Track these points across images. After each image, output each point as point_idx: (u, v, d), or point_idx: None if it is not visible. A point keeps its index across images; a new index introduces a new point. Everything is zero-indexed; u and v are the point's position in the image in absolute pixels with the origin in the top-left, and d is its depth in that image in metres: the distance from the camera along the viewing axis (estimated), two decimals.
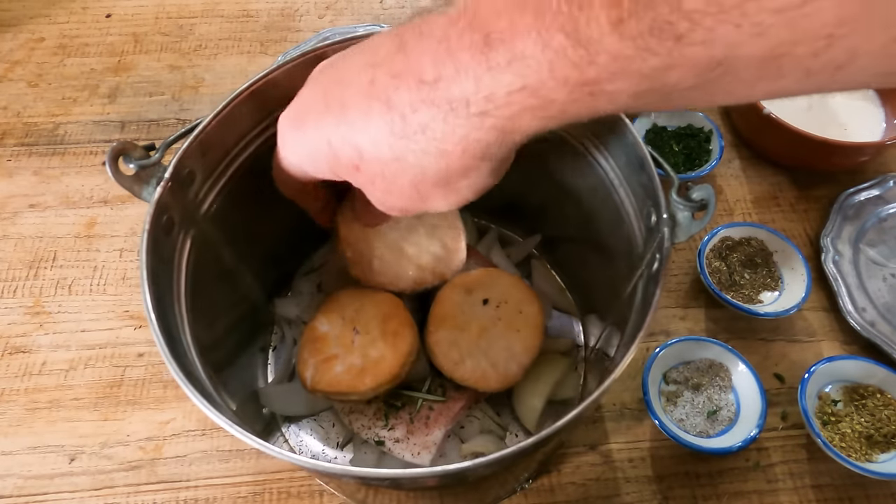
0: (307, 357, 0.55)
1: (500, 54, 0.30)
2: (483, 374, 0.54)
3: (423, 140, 0.34)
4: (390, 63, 0.36)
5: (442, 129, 0.34)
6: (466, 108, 0.32)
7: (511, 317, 0.57)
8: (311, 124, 0.40)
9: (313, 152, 0.40)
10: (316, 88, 0.41)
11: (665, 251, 0.43)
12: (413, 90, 0.34)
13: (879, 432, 0.59)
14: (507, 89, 0.31)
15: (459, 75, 0.32)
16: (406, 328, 0.55)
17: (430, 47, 0.33)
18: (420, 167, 0.36)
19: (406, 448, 0.57)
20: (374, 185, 0.39)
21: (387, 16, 0.99)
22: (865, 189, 0.78)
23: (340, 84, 0.39)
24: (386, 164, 0.37)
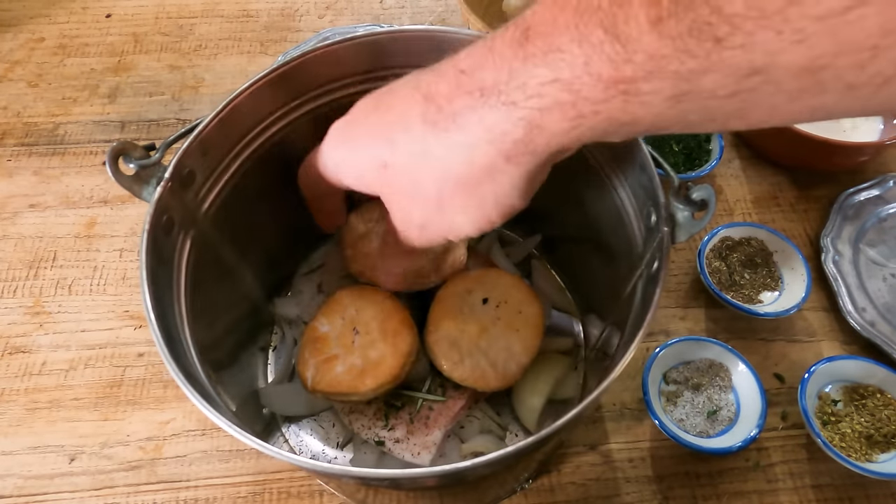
0: (308, 357, 0.55)
1: (537, 47, 0.31)
2: (482, 373, 0.54)
3: (452, 128, 0.35)
4: (436, 68, 0.37)
5: (470, 117, 0.34)
6: (497, 97, 0.33)
7: (511, 317, 0.57)
8: (356, 129, 0.41)
9: (350, 157, 0.42)
10: (367, 101, 0.42)
11: (665, 251, 0.43)
12: (451, 81, 0.35)
13: (879, 432, 0.59)
14: (539, 80, 0.31)
15: (495, 65, 0.33)
16: (406, 328, 0.55)
17: (475, 49, 0.35)
18: (444, 160, 0.36)
19: (406, 448, 0.57)
20: (398, 188, 0.39)
21: (387, 16, 0.99)
22: (865, 189, 0.78)
23: (389, 91, 0.40)
24: (413, 156, 0.37)
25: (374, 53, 0.54)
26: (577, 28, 0.29)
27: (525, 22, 0.32)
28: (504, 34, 0.33)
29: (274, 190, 0.58)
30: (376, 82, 0.56)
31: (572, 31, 0.29)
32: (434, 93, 0.36)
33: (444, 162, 0.36)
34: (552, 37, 0.30)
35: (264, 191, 0.57)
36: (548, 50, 0.30)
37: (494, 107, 0.33)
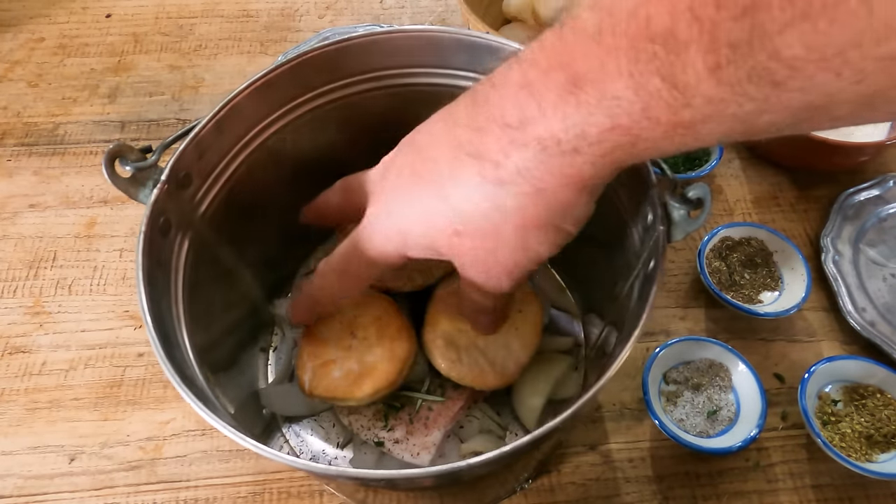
0: (306, 361, 0.55)
1: (590, 94, 0.30)
2: (480, 371, 0.54)
3: (520, 181, 0.35)
4: (470, 119, 0.36)
5: (536, 167, 0.34)
6: (558, 146, 0.33)
7: (510, 314, 0.56)
8: (406, 207, 0.40)
9: (409, 235, 0.40)
10: (401, 172, 0.41)
11: (661, 250, 0.43)
12: (500, 136, 0.34)
13: (879, 432, 0.59)
14: (598, 128, 0.31)
15: (546, 115, 0.32)
16: (403, 334, 0.55)
17: (509, 93, 0.34)
18: (521, 209, 0.36)
19: (406, 449, 0.57)
20: (477, 248, 0.38)
21: (387, 16, 0.99)
22: (865, 189, 0.77)
23: (427, 156, 0.39)
24: (487, 216, 0.36)
25: (374, 53, 0.54)
26: (631, 76, 0.29)
27: (566, 64, 0.31)
28: (543, 77, 0.32)
29: (272, 191, 0.58)
30: (376, 82, 0.56)
31: (626, 78, 0.29)
32: (483, 151, 0.35)
33: (522, 211, 0.36)
34: (605, 83, 0.30)
35: (262, 192, 0.57)
36: (602, 97, 0.30)
37: (557, 155, 0.33)
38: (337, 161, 0.61)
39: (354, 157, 0.59)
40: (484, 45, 0.53)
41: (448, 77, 0.56)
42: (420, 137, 0.41)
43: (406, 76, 0.56)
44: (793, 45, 0.24)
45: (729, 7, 0.25)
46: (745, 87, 0.26)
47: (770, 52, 0.25)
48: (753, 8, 0.25)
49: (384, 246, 0.43)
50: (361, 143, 0.59)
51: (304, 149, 0.58)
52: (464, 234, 0.38)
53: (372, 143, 0.58)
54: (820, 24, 0.24)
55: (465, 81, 0.56)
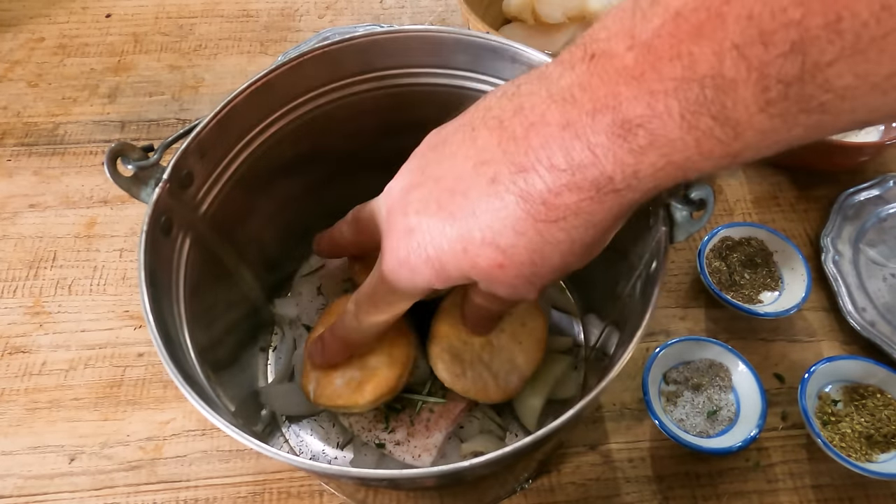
0: (309, 370, 0.55)
1: (641, 138, 0.30)
2: (484, 385, 0.54)
3: (573, 219, 0.34)
4: (507, 157, 0.35)
5: (590, 205, 0.34)
6: (612, 185, 0.33)
7: (514, 329, 0.56)
8: (433, 240, 0.39)
9: (437, 267, 0.39)
10: (427, 202, 0.39)
11: (663, 251, 0.43)
12: (548, 178, 0.34)
13: (879, 432, 0.59)
14: (652, 168, 0.31)
15: (598, 158, 0.32)
16: (402, 337, 0.55)
17: (552, 134, 0.33)
18: (570, 242, 0.36)
19: (407, 451, 0.57)
20: (519, 276, 0.38)
21: (387, 15, 0.99)
22: (865, 189, 0.78)
23: (454, 190, 0.38)
24: (535, 250, 0.36)
25: (374, 53, 0.54)
26: (682, 118, 0.29)
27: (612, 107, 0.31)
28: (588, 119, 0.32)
29: (273, 191, 0.58)
30: (376, 82, 0.56)
31: (678, 120, 0.29)
32: (531, 192, 0.34)
33: (572, 243, 0.36)
34: (656, 127, 0.30)
35: (264, 192, 0.57)
36: (654, 140, 0.30)
37: (611, 192, 0.33)
38: (337, 161, 0.61)
39: (355, 157, 0.60)
40: (484, 45, 0.53)
41: (448, 77, 0.56)
42: (439, 169, 0.39)
43: (406, 76, 0.56)
44: (843, 75, 0.25)
45: (777, 44, 0.25)
46: (797, 118, 0.27)
47: (821, 84, 0.25)
48: (801, 43, 0.25)
49: (413, 280, 0.42)
50: (362, 143, 0.59)
51: (305, 149, 0.58)
52: (508, 266, 0.37)
53: (373, 142, 0.58)
54: (870, 54, 0.24)
55: (466, 81, 0.56)
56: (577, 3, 0.84)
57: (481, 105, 0.39)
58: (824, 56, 0.25)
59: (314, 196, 0.62)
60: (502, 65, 0.53)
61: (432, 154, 0.41)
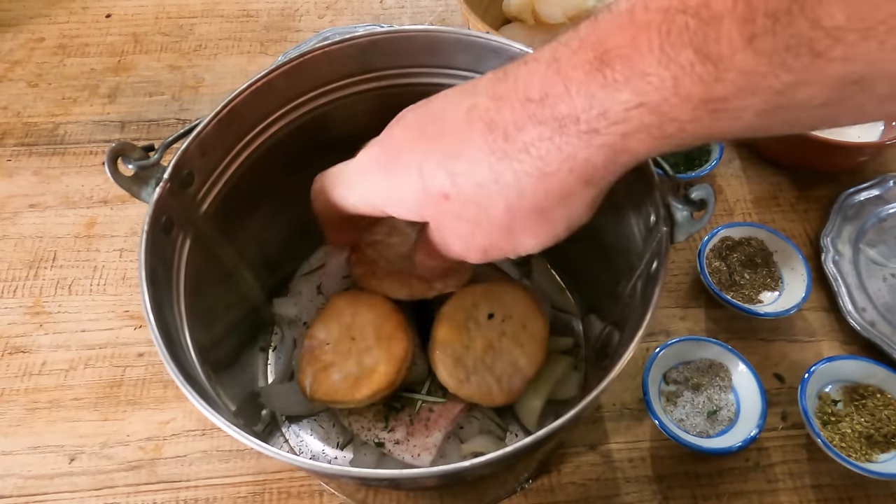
0: (306, 366, 0.55)
1: (618, 71, 0.29)
2: (488, 389, 0.54)
3: (526, 159, 0.33)
4: (491, 89, 0.35)
5: (548, 147, 0.32)
6: (576, 126, 0.31)
7: (515, 331, 0.56)
8: (402, 157, 0.38)
9: (396, 186, 0.39)
10: (408, 124, 0.40)
11: (664, 251, 0.43)
12: (517, 109, 0.33)
13: (879, 432, 0.59)
14: (623, 106, 0.30)
15: (570, 93, 0.31)
16: (400, 332, 0.55)
17: (537, 69, 0.33)
18: (518, 189, 0.34)
19: (406, 450, 0.57)
20: (461, 217, 0.37)
21: (387, 15, 0.99)
22: (865, 189, 0.78)
23: (436, 116, 0.38)
24: (481, 186, 0.35)
25: (374, 53, 0.54)
26: (661, 49, 0.28)
27: (596, 42, 0.30)
28: (571, 56, 0.31)
29: (274, 190, 0.58)
30: (376, 82, 0.56)
31: (657, 52, 0.28)
32: (498, 121, 0.34)
33: (517, 190, 0.34)
34: (634, 60, 0.29)
35: (264, 191, 0.57)
36: (630, 74, 0.29)
37: (575, 136, 0.32)
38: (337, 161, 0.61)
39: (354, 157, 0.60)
40: (484, 45, 0.53)
41: (448, 77, 0.56)
42: (436, 100, 0.39)
43: (406, 76, 0.56)
44: (834, 14, 0.24)
45: None
46: (784, 58, 0.26)
47: (811, 21, 0.24)
48: None
49: (359, 195, 0.42)
50: (362, 143, 0.59)
51: (305, 148, 0.58)
52: (452, 199, 0.36)
53: None
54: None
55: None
56: (577, 3, 0.84)
57: None
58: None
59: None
60: (502, 65, 0.53)
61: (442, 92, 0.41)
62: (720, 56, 0.27)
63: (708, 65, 0.27)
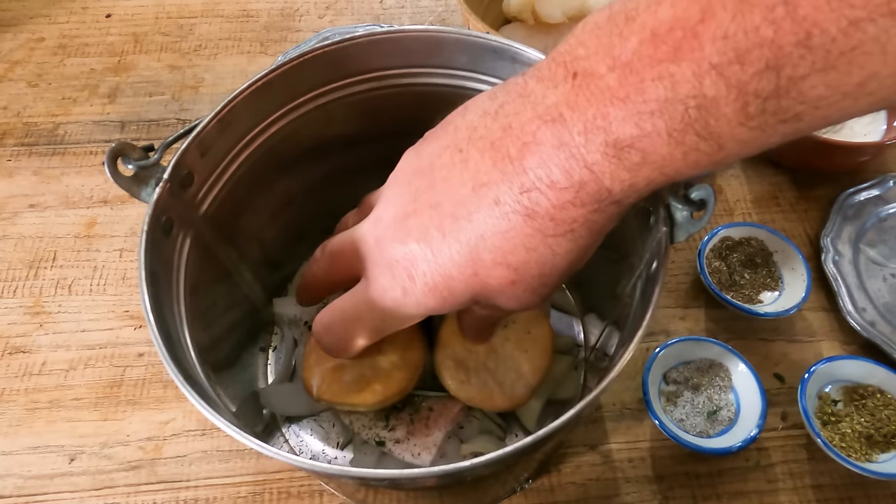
0: (313, 364, 0.55)
1: (634, 155, 0.32)
2: (490, 393, 0.54)
3: (577, 229, 0.36)
4: (507, 178, 0.36)
5: (594, 216, 0.35)
6: (610, 197, 0.34)
7: (519, 336, 0.56)
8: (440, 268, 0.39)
9: (445, 294, 0.39)
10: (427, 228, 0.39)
11: (664, 251, 0.43)
12: (551, 195, 0.35)
13: (879, 432, 0.59)
14: (646, 181, 0.33)
15: (597, 175, 0.33)
16: (416, 340, 0.55)
17: (548, 154, 0.34)
18: (577, 249, 0.37)
19: (406, 449, 0.57)
20: (527, 289, 0.39)
21: (387, 16, 0.99)
22: (865, 189, 0.78)
23: (457, 217, 0.38)
24: (545, 263, 0.38)
25: (374, 53, 0.54)
26: (670, 136, 0.30)
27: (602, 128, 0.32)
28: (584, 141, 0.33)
29: (274, 190, 0.58)
30: (376, 82, 0.56)
31: (665, 137, 0.30)
32: (538, 210, 0.35)
33: (576, 252, 0.38)
34: (646, 146, 0.31)
35: (264, 191, 0.57)
36: (646, 157, 0.32)
37: (610, 204, 0.35)
38: (337, 161, 0.61)
39: (355, 157, 0.60)
40: (484, 45, 0.53)
41: (448, 77, 0.56)
42: (433, 196, 0.39)
43: (406, 76, 0.56)
44: (816, 86, 0.26)
45: (753, 62, 0.27)
46: (775, 128, 0.29)
47: (795, 97, 0.27)
48: (776, 60, 0.26)
49: (415, 310, 0.41)
50: (362, 143, 0.59)
51: (305, 149, 0.58)
52: (519, 282, 0.38)
53: (373, 142, 0.58)
54: (840, 66, 0.26)
55: (466, 81, 0.56)
56: (577, 2, 0.84)
57: (461, 124, 0.39)
58: (797, 70, 0.26)
59: (314, 196, 0.62)
60: (502, 65, 0.53)
61: (421, 180, 0.40)
62: (721, 135, 0.30)
63: (711, 142, 0.30)
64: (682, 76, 0.28)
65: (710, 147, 0.30)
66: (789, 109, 0.28)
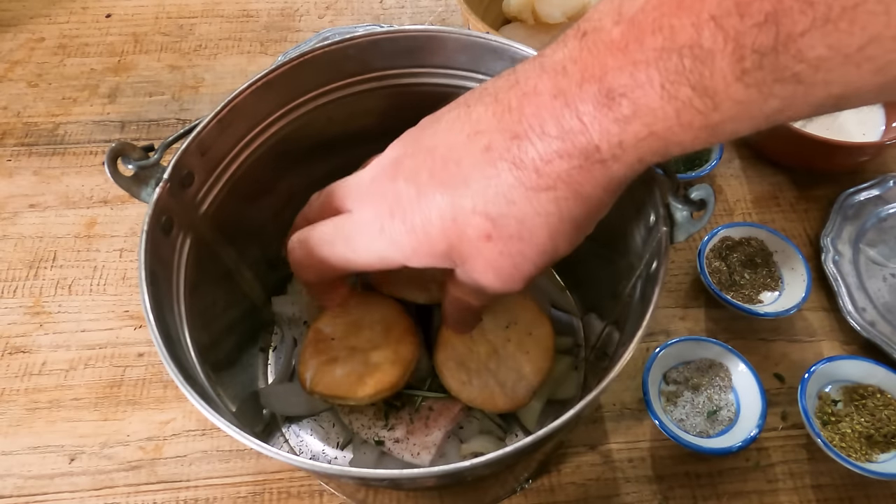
0: (308, 358, 0.55)
1: (625, 107, 0.32)
2: (491, 394, 0.54)
3: (563, 188, 0.35)
4: (501, 125, 0.36)
5: (578, 174, 0.35)
6: (598, 154, 0.34)
7: (521, 338, 0.56)
8: (423, 206, 0.39)
9: (422, 238, 0.39)
10: (418, 171, 0.39)
11: (663, 251, 0.43)
12: (539, 146, 0.35)
13: (879, 432, 0.59)
14: (635, 137, 0.32)
15: (586, 127, 0.33)
16: (409, 336, 0.55)
17: (544, 103, 0.34)
18: (559, 215, 0.37)
19: (406, 448, 0.57)
20: (504, 254, 0.38)
21: (387, 16, 0.99)
22: (865, 189, 0.78)
23: (447, 160, 0.38)
24: (524, 221, 0.37)
25: (374, 53, 0.54)
26: (663, 87, 0.30)
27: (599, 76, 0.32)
28: (577, 91, 0.33)
29: (274, 190, 0.58)
30: (376, 82, 0.56)
31: (658, 89, 0.30)
32: (523, 158, 0.35)
33: (558, 216, 0.37)
34: (638, 96, 0.31)
35: (264, 191, 0.57)
36: (637, 109, 0.31)
37: (600, 163, 0.34)
38: (337, 160, 0.61)
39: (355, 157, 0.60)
40: (484, 45, 0.53)
41: (448, 77, 0.56)
42: (432, 140, 0.40)
43: (406, 76, 0.56)
44: (816, 45, 0.26)
45: (752, 15, 0.26)
46: (772, 88, 0.28)
47: (794, 54, 0.26)
48: (775, 14, 0.26)
49: (387, 251, 0.41)
50: (362, 143, 0.59)
51: (305, 148, 0.58)
52: (495, 238, 0.38)
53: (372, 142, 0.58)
54: (841, 25, 0.25)
55: (466, 81, 0.56)
56: (576, 2, 0.84)
57: (478, 87, 0.40)
58: (797, 26, 0.26)
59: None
60: (502, 65, 0.53)
61: (426, 130, 0.41)
62: (715, 90, 0.29)
63: (705, 98, 0.30)
64: (681, 27, 0.29)
65: (703, 105, 0.30)
66: (787, 68, 0.27)
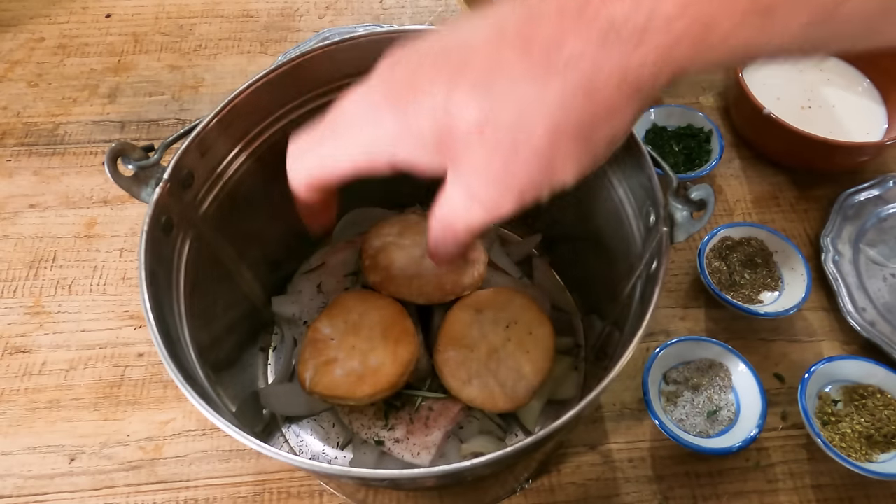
0: (307, 358, 0.55)
1: None
2: (491, 394, 0.54)
3: (571, 75, 0.30)
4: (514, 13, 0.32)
5: (593, 59, 0.30)
6: (620, 34, 0.29)
7: (521, 338, 0.56)
8: (419, 91, 0.34)
9: (412, 125, 0.34)
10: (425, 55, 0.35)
11: (664, 251, 0.43)
12: (555, 24, 0.30)
13: (879, 432, 0.59)
14: (667, 15, 0.28)
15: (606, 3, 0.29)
16: (408, 336, 0.55)
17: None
18: (563, 108, 0.31)
19: (406, 448, 0.57)
20: (497, 150, 0.33)
21: (387, 16, 0.99)
22: (865, 189, 0.78)
23: (452, 47, 0.34)
24: (522, 112, 0.32)
25: (374, 53, 0.54)
26: None
27: None
28: None
29: (273, 190, 0.58)
30: None
31: None
32: (534, 38, 0.31)
33: (562, 110, 0.31)
34: None
35: (263, 191, 0.57)
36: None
37: (620, 44, 0.29)
38: None
39: None
40: None
41: None
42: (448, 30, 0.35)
43: None
44: None
45: None
46: None
47: None
48: None
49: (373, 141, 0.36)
50: None
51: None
52: (488, 131, 0.33)
53: None
54: None
55: None
56: None
57: None
58: None
59: None
60: None
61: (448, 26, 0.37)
62: None
63: None
64: None
65: None
66: None
